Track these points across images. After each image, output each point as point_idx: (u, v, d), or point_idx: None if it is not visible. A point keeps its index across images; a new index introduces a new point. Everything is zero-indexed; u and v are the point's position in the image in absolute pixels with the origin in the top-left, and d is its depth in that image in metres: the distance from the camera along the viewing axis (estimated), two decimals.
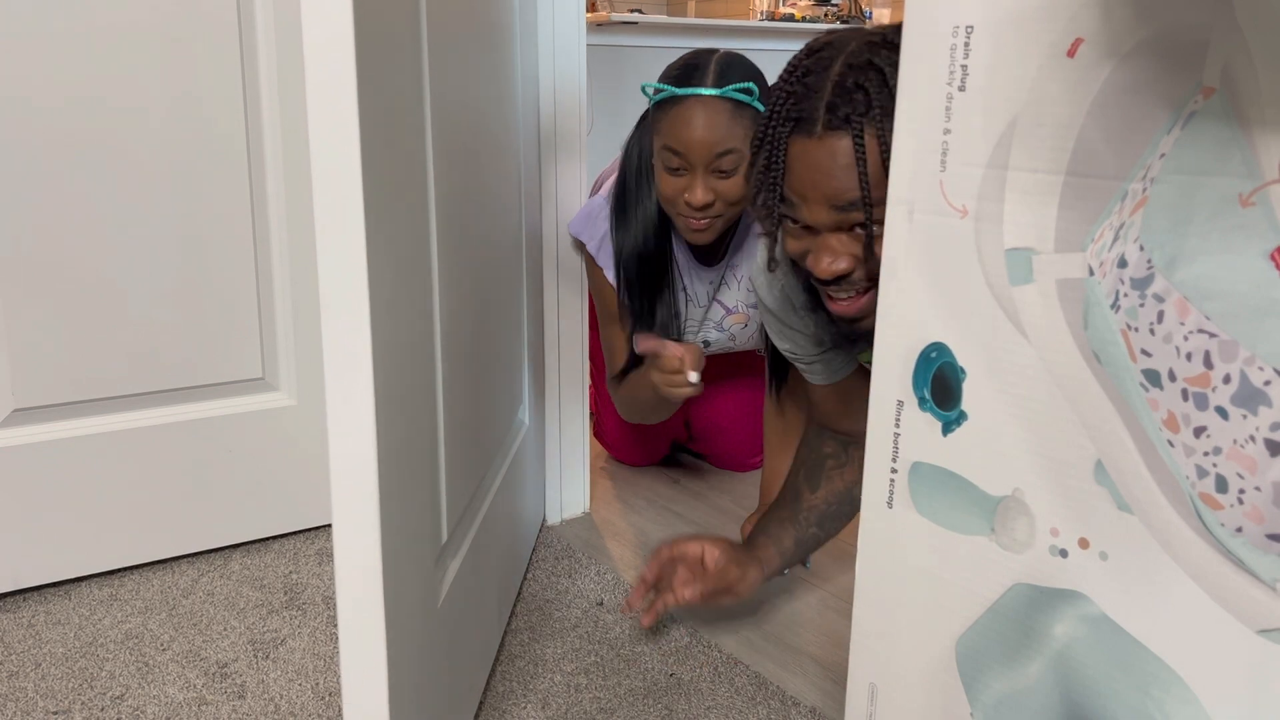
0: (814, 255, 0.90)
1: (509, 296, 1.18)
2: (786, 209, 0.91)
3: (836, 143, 0.84)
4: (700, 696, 1.08)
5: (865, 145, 0.84)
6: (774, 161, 0.89)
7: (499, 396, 1.12)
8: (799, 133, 0.87)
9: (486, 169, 1.03)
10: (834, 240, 0.89)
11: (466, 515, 0.99)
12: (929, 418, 0.67)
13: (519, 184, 1.22)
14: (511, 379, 1.20)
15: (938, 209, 0.64)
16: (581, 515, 1.53)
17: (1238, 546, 0.53)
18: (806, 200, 0.88)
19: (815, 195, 0.87)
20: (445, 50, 0.83)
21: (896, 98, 0.65)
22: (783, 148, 0.88)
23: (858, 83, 0.84)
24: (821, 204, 0.87)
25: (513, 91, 1.17)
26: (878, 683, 0.76)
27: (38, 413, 1.20)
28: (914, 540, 0.70)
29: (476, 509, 1.03)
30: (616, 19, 3.20)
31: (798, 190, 0.88)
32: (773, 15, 4.05)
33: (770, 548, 1.14)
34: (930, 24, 0.62)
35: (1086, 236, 0.57)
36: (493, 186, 1.06)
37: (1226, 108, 0.50)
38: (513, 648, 1.17)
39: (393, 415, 0.71)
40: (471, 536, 0.99)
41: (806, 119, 0.86)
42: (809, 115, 0.86)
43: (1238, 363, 0.51)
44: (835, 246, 0.89)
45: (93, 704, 1.04)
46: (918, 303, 0.66)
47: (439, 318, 0.84)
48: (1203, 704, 0.56)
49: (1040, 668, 0.64)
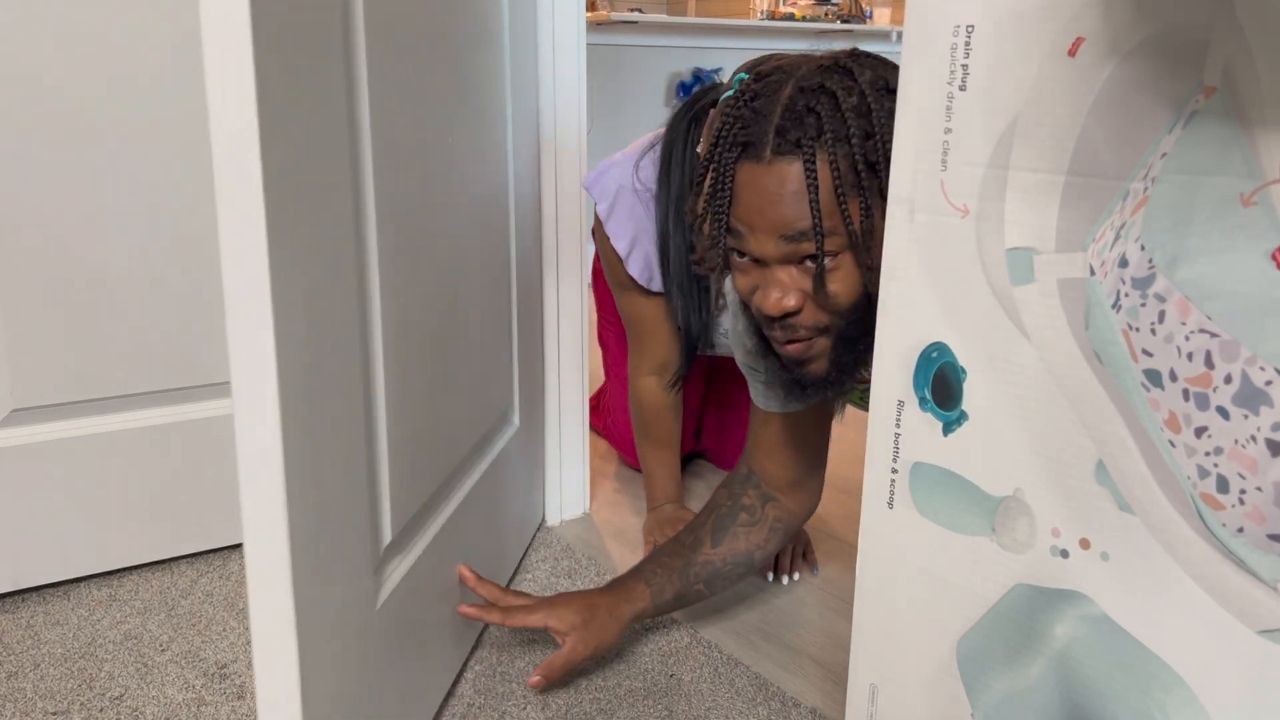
0: (762, 290, 0.86)
1: (491, 299, 1.17)
2: (734, 241, 0.87)
3: (786, 168, 0.81)
4: (700, 697, 1.08)
5: (817, 171, 0.80)
6: (720, 189, 0.84)
7: (471, 398, 1.11)
8: (747, 158, 0.82)
9: (459, 171, 1.02)
10: (782, 274, 0.85)
11: (422, 517, 0.98)
12: (929, 418, 0.67)
13: (508, 186, 1.21)
14: (493, 381, 1.19)
15: (938, 208, 0.64)
16: (581, 515, 1.53)
17: (1239, 547, 0.53)
18: (754, 230, 0.84)
19: (763, 224, 0.83)
20: (392, 52, 0.82)
21: (897, 97, 0.65)
22: (730, 175, 0.84)
23: (809, 106, 0.81)
24: (770, 234, 0.83)
25: (500, 91, 1.16)
26: (878, 683, 0.75)
27: (37, 413, 1.20)
28: (914, 540, 0.70)
29: (436, 510, 1.02)
30: (616, 19, 3.20)
31: (745, 220, 0.84)
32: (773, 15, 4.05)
33: (647, 600, 1.08)
34: (931, 23, 0.62)
35: (1088, 236, 0.57)
36: (467, 189, 1.05)
37: (1227, 107, 0.50)
38: (513, 648, 1.17)
39: (308, 417, 0.71)
40: (430, 537, 0.99)
41: (755, 144, 0.82)
42: (757, 140, 0.82)
43: (1239, 363, 0.51)
44: (785, 281, 0.85)
45: (91, 704, 1.04)
46: (918, 302, 0.66)
47: (381, 320, 0.83)
48: (1203, 704, 0.56)
49: (1041, 668, 0.64)
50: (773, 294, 0.85)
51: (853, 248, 0.83)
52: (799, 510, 1.16)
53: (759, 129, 0.82)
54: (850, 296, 0.85)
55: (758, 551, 1.14)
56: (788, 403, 1.09)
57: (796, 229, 0.82)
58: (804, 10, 4.02)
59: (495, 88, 1.14)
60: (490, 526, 1.21)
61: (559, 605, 1.05)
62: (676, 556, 1.11)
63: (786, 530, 1.15)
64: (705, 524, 1.13)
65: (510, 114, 1.20)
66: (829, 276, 0.83)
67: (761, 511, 1.13)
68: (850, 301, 0.85)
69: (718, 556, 1.11)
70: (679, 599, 1.11)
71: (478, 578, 1.06)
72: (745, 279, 0.88)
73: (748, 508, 1.13)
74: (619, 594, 1.08)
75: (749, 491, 1.14)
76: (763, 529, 1.13)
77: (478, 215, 1.10)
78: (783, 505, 1.14)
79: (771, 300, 0.85)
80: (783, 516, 1.14)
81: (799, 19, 3.90)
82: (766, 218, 0.83)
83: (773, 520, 1.14)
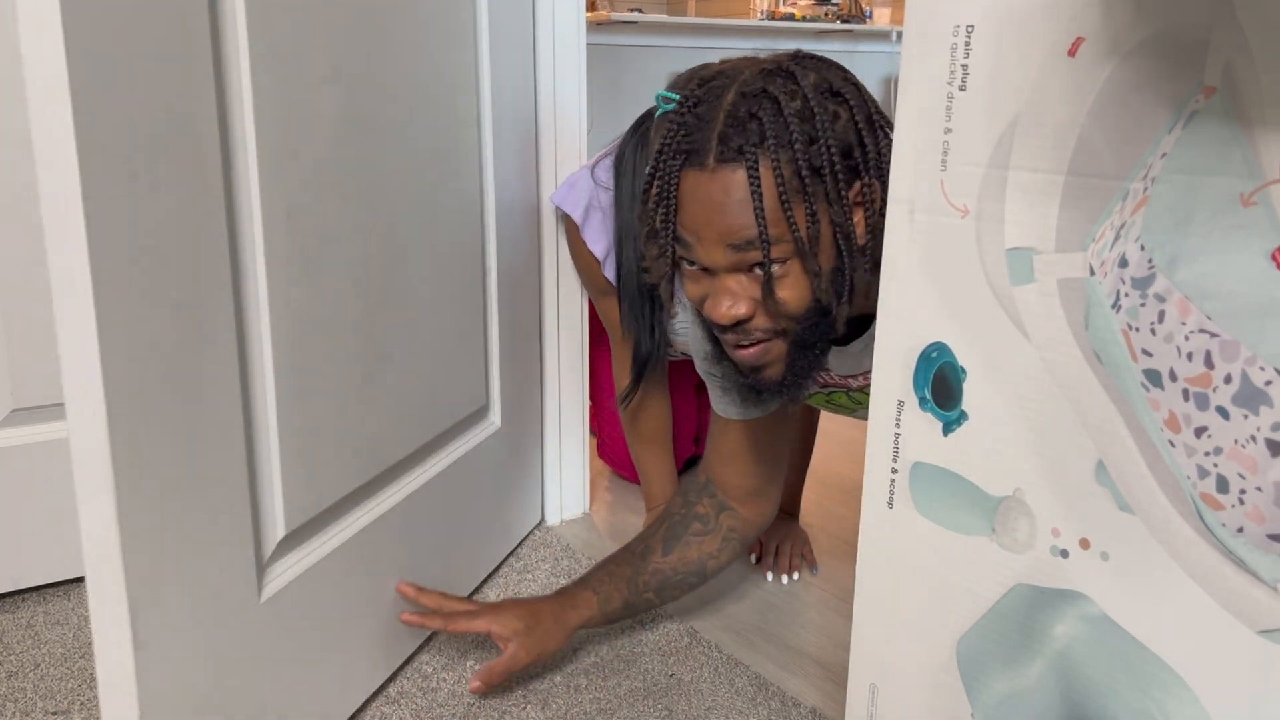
0: (712, 299, 0.85)
1: (454, 300, 1.16)
2: (682, 250, 0.85)
3: (730, 176, 0.80)
4: (700, 696, 1.08)
5: (760, 178, 0.79)
6: (665, 198, 0.83)
7: (418, 398, 1.10)
8: (690, 166, 0.81)
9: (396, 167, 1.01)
10: (732, 282, 0.84)
11: (337, 511, 0.98)
12: (930, 418, 0.67)
13: (482, 185, 1.20)
14: (454, 381, 1.18)
15: (938, 208, 0.64)
16: (581, 515, 1.53)
17: (1239, 547, 0.53)
18: (701, 239, 0.83)
19: (709, 234, 0.82)
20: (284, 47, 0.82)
21: (897, 100, 0.65)
22: (674, 183, 0.82)
23: (751, 112, 0.80)
24: (716, 243, 0.82)
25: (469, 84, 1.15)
26: (878, 683, 0.75)
27: (37, 413, 1.20)
28: (914, 540, 0.70)
29: (360, 505, 1.02)
30: (616, 19, 3.20)
31: (691, 229, 0.83)
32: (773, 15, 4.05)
33: (594, 608, 1.07)
34: (931, 23, 0.62)
35: (1087, 236, 0.57)
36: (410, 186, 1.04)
37: (1227, 107, 0.50)
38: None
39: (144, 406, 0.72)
40: (353, 532, 0.99)
41: (698, 151, 0.81)
42: (700, 147, 0.80)
43: (1239, 362, 0.51)
44: (734, 289, 0.84)
45: (92, 704, 1.04)
46: (918, 302, 0.66)
47: (270, 318, 0.84)
48: (1203, 704, 0.56)
49: (1041, 668, 0.64)
50: (723, 302, 0.84)
51: (799, 255, 0.82)
52: (755, 519, 1.14)
53: (702, 136, 0.81)
54: (800, 303, 0.84)
55: (710, 561, 1.12)
56: (746, 409, 1.08)
57: (743, 237, 0.81)
58: (804, 10, 4.02)
59: (461, 81, 1.13)
60: (451, 525, 1.20)
61: (503, 611, 1.04)
62: (625, 564, 1.10)
63: (742, 540, 1.14)
64: (657, 532, 1.12)
65: (488, 111, 1.19)
66: (777, 284, 0.82)
67: (715, 521, 1.12)
68: (800, 308, 0.84)
69: (668, 565, 1.10)
70: (627, 608, 1.10)
71: (417, 589, 1.06)
72: (695, 287, 0.87)
73: (701, 516, 1.12)
74: (565, 601, 1.07)
75: (704, 500, 1.13)
76: (716, 538, 1.12)
77: (431, 215, 1.09)
78: (738, 515, 1.13)
79: (721, 309, 0.84)
80: (737, 526, 1.13)
81: (799, 19, 3.90)
82: (713, 227, 0.82)
83: (726, 530, 1.12)
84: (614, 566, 1.10)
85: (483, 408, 1.28)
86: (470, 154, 1.17)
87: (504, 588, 1.30)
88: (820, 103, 0.81)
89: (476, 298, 1.23)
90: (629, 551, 1.11)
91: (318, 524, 0.96)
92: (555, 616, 1.05)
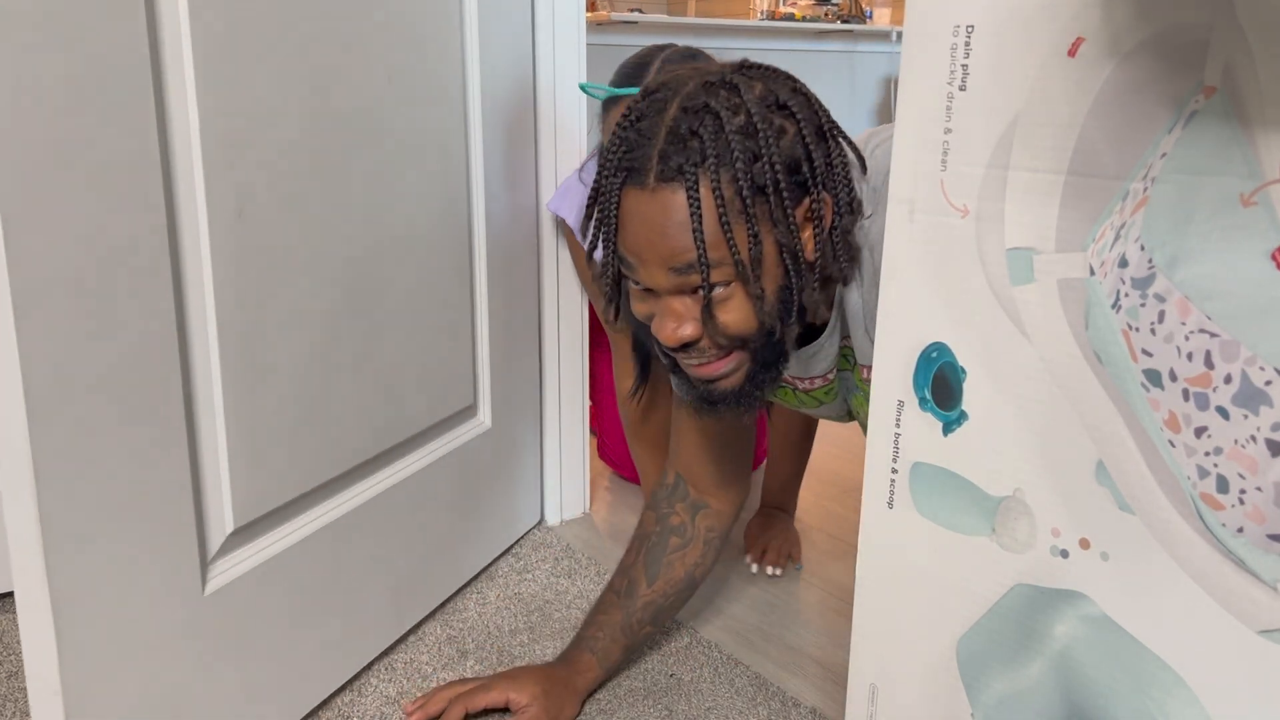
0: (658, 319, 0.83)
1: (434, 302, 1.16)
2: (625, 269, 0.83)
3: (670, 196, 0.77)
4: (700, 696, 1.08)
5: (700, 199, 0.77)
6: (606, 216, 0.81)
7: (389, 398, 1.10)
8: (631, 184, 0.79)
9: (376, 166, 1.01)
10: (676, 304, 0.82)
11: (296, 507, 0.99)
12: (929, 418, 0.67)
13: (470, 180, 1.20)
14: (433, 382, 1.18)
15: (938, 209, 0.64)
16: (581, 515, 1.53)
17: (1239, 547, 0.53)
18: (643, 261, 0.81)
19: (651, 256, 0.80)
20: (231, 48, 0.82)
21: (897, 100, 0.65)
22: (614, 201, 0.80)
23: (692, 129, 0.77)
24: (658, 265, 0.80)
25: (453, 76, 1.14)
26: (878, 683, 0.75)
27: None
28: (914, 540, 0.70)
29: (320, 500, 1.03)
30: (616, 19, 3.20)
31: (633, 250, 0.81)
32: (773, 15, 4.05)
33: (596, 669, 1.05)
34: (931, 23, 0.62)
35: (1087, 236, 0.57)
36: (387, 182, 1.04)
37: (1227, 107, 0.50)
38: (513, 648, 1.17)
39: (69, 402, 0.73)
40: (315, 528, 1.00)
41: (638, 169, 0.78)
42: (640, 165, 0.78)
43: (1239, 362, 0.51)
44: (679, 310, 0.82)
45: None
46: (918, 302, 0.66)
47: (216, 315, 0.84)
48: (1203, 704, 0.56)
49: (1041, 668, 0.64)
50: (668, 324, 0.82)
51: (741, 278, 0.79)
52: (730, 510, 1.12)
53: (642, 153, 0.79)
54: (743, 326, 0.81)
55: (697, 569, 1.10)
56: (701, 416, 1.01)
57: (683, 260, 0.79)
58: (804, 10, 4.02)
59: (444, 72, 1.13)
60: (432, 523, 1.21)
61: (517, 677, 1.03)
62: (614, 610, 1.07)
63: (721, 536, 1.12)
64: (636, 563, 1.09)
65: (478, 106, 1.19)
66: (719, 307, 0.80)
67: (693, 528, 1.09)
68: (744, 330, 0.82)
69: (657, 593, 1.08)
70: (629, 651, 1.08)
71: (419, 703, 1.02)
72: (642, 306, 0.85)
73: (677, 529, 1.09)
74: (569, 669, 1.05)
75: (676, 507, 1.10)
76: (697, 546, 1.09)
77: (410, 212, 1.09)
78: (713, 511, 1.10)
79: (667, 331, 0.82)
80: (715, 525, 1.10)
81: (799, 19, 3.90)
82: (654, 249, 0.79)
83: (705, 532, 1.10)
84: (603, 617, 1.08)
85: (469, 407, 1.28)
86: (457, 151, 1.17)
87: (504, 587, 1.30)
88: (765, 117, 0.78)
89: (462, 297, 1.22)
90: (613, 593, 1.09)
91: (274, 519, 0.96)
92: (565, 683, 1.04)
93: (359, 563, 1.08)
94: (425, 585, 1.20)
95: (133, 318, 0.77)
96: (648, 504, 1.14)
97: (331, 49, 0.95)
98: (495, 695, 1.00)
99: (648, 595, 1.07)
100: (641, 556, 1.09)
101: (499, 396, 1.32)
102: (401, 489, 1.13)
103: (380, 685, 1.09)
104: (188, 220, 0.82)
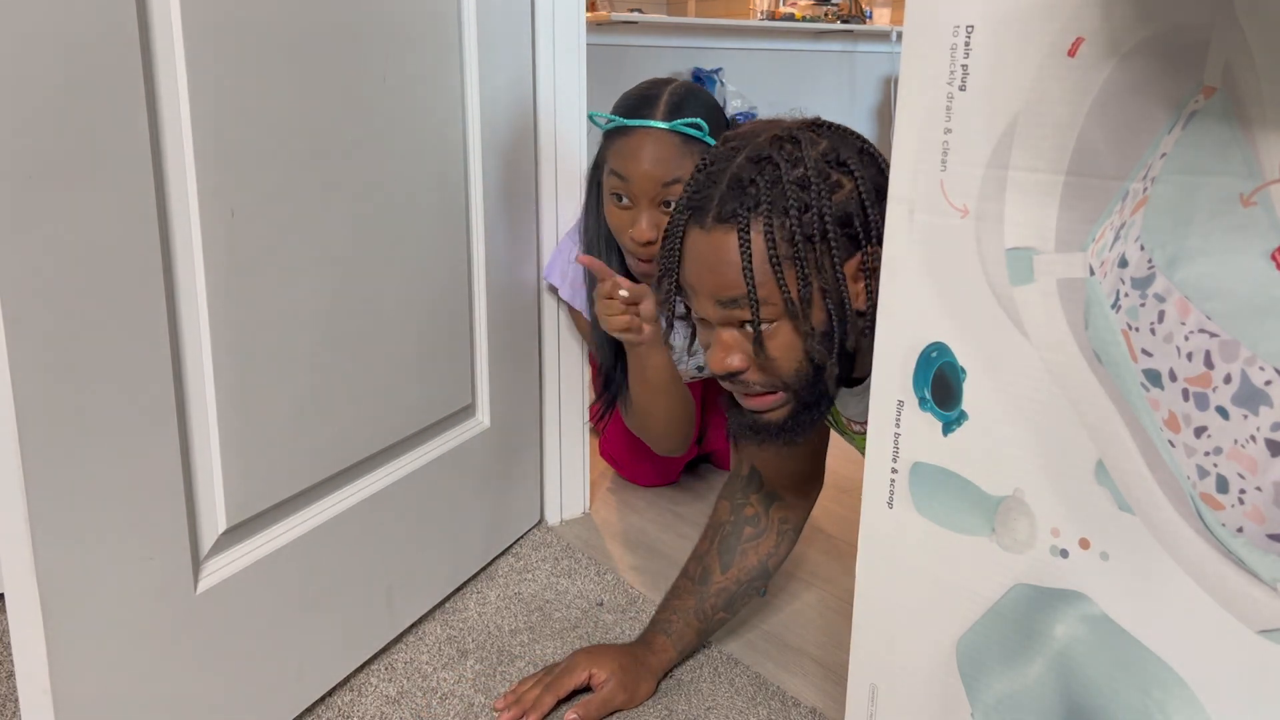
0: (712, 349, 0.89)
1: (432, 302, 1.16)
2: (684, 299, 0.92)
3: (724, 237, 0.84)
4: (700, 696, 1.08)
5: (750, 241, 0.83)
6: (670, 250, 0.89)
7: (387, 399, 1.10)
8: (694, 222, 0.87)
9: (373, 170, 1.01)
10: (726, 335, 0.88)
11: (290, 506, 0.99)
12: (929, 418, 0.67)
13: (466, 181, 1.20)
14: (431, 382, 1.18)
15: (938, 209, 0.64)
16: (581, 515, 1.53)
17: (1238, 547, 0.53)
18: (696, 292, 0.88)
19: (702, 288, 0.87)
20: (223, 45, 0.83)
21: (897, 100, 0.65)
22: (679, 236, 0.88)
23: (751, 177, 0.84)
24: (708, 297, 0.87)
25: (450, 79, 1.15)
26: (878, 683, 0.76)
27: None
28: (914, 540, 0.70)
29: (314, 500, 1.03)
30: (616, 19, 3.20)
31: (690, 281, 0.88)
32: (773, 15, 4.04)
33: (671, 650, 1.10)
34: (931, 23, 0.62)
35: (1087, 236, 0.57)
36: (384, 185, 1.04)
37: (1227, 107, 0.50)
38: (513, 648, 1.17)
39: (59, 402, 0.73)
40: (310, 527, 1.00)
41: (701, 209, 0.86)
42: (703, 206, 0.86)
43: (1238, 362, 0.51)
44: (727, 341, 0.88)
45: None
46: (918, 302, 0.66)
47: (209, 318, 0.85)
48: (1203, 704, 0.56)
49: (1041, 668, 0.64)
50: (717, 353, 0.88)
51: (790, 315, 0.85)
52: (805, 502, 1.14)
53: (707, 195, 0.86)
54: (791, 363, 0.87)
55: (771, 559, 1.12)
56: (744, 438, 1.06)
57: (729, 295, 0.85)
58: (804, 10, 4.02)
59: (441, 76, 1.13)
60: (428, 523, 1.21)
61: (597, 654, 1.07)
62: (688, 595, 1.11)
63: (796, 528, 1.14)
64: (710, 550, 1.12)
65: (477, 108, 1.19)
66: (767, 344, 0.86)
67: (767, 518, 1.12)
68: (792, 367, 0.87)
69: (731, 580, 1.11)
70: (702, 635, 1.12)
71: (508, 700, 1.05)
72: (702, 334, 0.92)
73: (751, 519, 1.12)
74: (646, 648, 1.09)
75: (751, 498, 1.12)
76: (771, 536, 1.12)
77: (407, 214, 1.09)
78: (788, 503, 1.12)
79: (716, 359, 0.88)
80: (789, 516, 1.12)
81: (799, 19, 3.90)
82: (704, 283, 0.86)
83: (779, 523, 1.12)
84: (677, 602, 1.11)
85: (467, 408, 1.28)
86: (454, 147, 1.17)
87: (504, 587, 1.30)
88: (822, 172, 0.84)
89: (460, 296, 1.22)
90: (687, 579, 1.12)
91: (268, 518, 0.96)
92: (642, 661, 1.08)
93: (353, 563, 1.08)
94: (422, 585, 1.20)
95: (124, 315, 0.77)
96: (721, 493, 1.16)
97: (326, 47, 0.95)
98: (579, 675, 1.05)
99: (721, 582, 1.11)
100: (716, 544, 1.12)
101: (498, 396, 1.32)
102: (397, 488, 1.13)
103: (380, 685, 1.09)
104: (179, 218, 0.82)
